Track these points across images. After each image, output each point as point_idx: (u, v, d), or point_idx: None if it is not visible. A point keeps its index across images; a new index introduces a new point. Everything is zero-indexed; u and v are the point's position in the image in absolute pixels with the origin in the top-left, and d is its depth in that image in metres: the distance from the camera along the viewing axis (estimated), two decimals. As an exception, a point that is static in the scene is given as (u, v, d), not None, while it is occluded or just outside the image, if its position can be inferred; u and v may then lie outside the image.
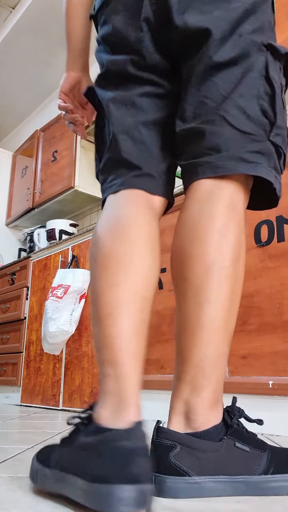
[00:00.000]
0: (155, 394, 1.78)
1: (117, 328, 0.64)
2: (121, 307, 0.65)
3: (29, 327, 2.69)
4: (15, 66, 3.88)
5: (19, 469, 0.83)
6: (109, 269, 0.68)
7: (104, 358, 0.64)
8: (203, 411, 0.69)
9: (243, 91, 0.74)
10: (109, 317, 0.65)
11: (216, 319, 0.70)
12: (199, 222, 0.73)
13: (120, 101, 0.81)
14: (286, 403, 1.35)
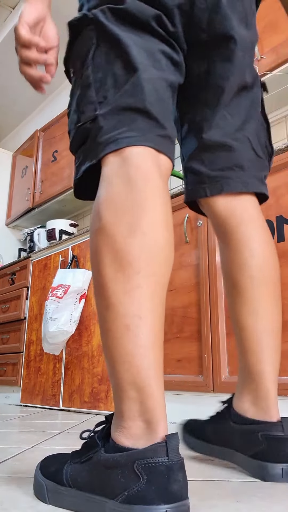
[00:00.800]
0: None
1: (139, 343, 0.57)
2: (141, 317, 0.57)
3: (29, 327, 2.69)
4: (15, 66, 3.88)
5: (19, 469, 0.83)
6: (125, 270, 0.58)
7: (124, 379, 0.57)
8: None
9: (257, 117, 0.85)
10: (128, 331, 0.57)
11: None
12: (269, 238, 0.84)
13: (142, 47, 0.70)
14: (286, 403, 1.35)
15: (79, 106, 0.70)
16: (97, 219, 0.63)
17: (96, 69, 0.70)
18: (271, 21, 1.98)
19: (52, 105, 4.21)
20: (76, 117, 0.70)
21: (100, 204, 0.63)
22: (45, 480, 0.63)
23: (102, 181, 0.65)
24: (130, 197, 0.61)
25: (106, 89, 0.68)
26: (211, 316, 1.60)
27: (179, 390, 1.65)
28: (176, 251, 1.83)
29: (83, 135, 0.69)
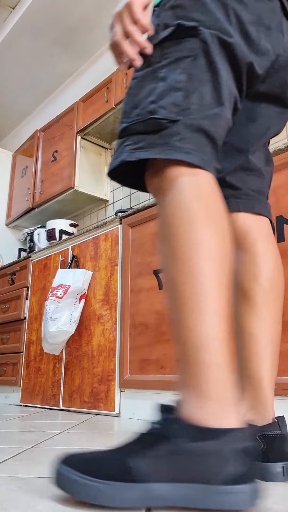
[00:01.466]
0: (155, 394, 1.79)
1: (224, 329, 0.63)
2: (226, 307, 0.64)
3: (29, 327, 2.69)
4: (15, 66, 3.88)
5: (19, 469, 0.83)
6: (218, 266, 0.64)
7: (211, 360, 0.60)
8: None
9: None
10: (219, 318, 0.63)
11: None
12: (279, 255, 0.93)
13: (228, 86, 0.77)
14: (286, 403, 1.35)
15: (160, 99, 0.72)
16: (185, 211, 0.67)
17: (190, 79, 0.73)
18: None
19: (52, 105, 4.21)
20: (152, 107, 0.72)
21: (188, 203, 0.67)
22: (111, 483, 0.56)
23: (173, 185, 0.69)
24: (202, 209, 0.67)
25: (191, 102, 0.72)
26: (211, 316, 1.60)
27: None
28: (176, 251, 1.83)
29: (154, 126, 0.71)
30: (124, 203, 3.13)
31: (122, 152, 0.73)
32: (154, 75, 0.76)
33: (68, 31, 3.48)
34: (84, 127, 3.13)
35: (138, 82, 0.77)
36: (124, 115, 0.77)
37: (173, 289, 0.65)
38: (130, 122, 0.74)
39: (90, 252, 2.35)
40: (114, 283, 2.13)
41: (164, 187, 0.70)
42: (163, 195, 0.70)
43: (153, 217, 1.99)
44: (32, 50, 3.69)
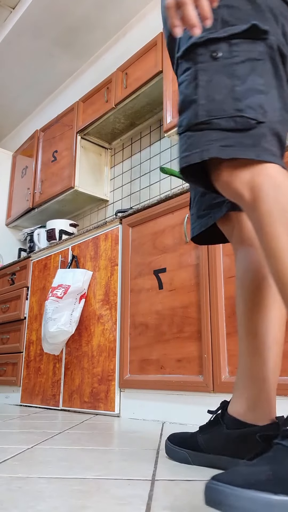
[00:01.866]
0: (155, 394, 1.78)
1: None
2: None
3: (29, 327, 2.69)
4: (15, 66, 3.88)
5: (19, 469, 0.83)
6: None
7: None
8: None
9: None
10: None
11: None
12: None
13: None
14: (286, 403, 1.35)
15: (245, 98, 0.73)
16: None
17: (265, 83, 0.76)
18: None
19: (52, 105, 4.21)
20: (240, 105, 0.73)
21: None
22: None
23: (281, 184, 0.70)
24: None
25: (268, 105, 0.74)
26: (211, 316, 1.60)
27: (179, 390, 1.65)
28: (176, 251, 1.83)
29: (242, 125, 0.72)
30: (124, 203, 3.13)
31: (205, 147, 0.72)
32: (228, 71, 0.75)
33: (68, 31, 3.48)
34: (84, 127, 3.13)
35: (208, 75, 0.76)
36: (194, 105, 0.75)
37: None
38: (212, 116, 0.73)
39: (90, 252, 2.35)
40: (114, 283, 2.13)
41: (271, 184, 0.70)
42: (272, 192, 0.69)
43: (153, 217, 1.99)
44: (32, 50, 3.69)
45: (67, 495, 0.64)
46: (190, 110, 0.76)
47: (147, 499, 0.63)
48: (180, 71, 0.82)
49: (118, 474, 0.79)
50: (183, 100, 0.78)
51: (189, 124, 0.75)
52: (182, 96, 0.79)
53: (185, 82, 0.79)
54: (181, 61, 0.82)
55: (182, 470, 0.84)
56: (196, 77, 0.77)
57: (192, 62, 0.79)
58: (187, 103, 0.77)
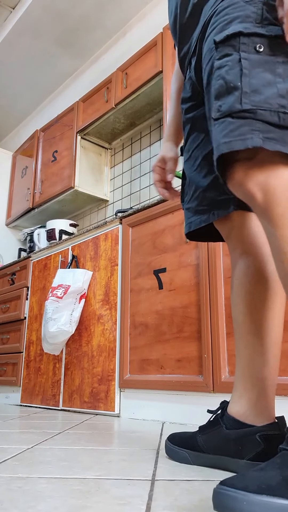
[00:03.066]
0: (155, 394, 1.78)
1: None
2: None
3: (29, 327, 2.69)
4: (15, 66, 3.88)
5: (19, 469, 0.83)
6: None
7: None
8: None
9: None
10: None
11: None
12: None
13: None
14: (286, 403, 1.35)
15: (287, 95, 0.74)
16: None
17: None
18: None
19: (52, 105, 4.21)
20: (283, 102, 0.74)
21: None
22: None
23: (286, 184, 0.71)
24: None
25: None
26: (211, 316, 1.60)
27: (179, 390, 1.65)
28: (176, 251, 1.83)
29: (284, 121, 0.73)
30: (124, 203, 3.13)
31: (249, 135, 0.71)
32: (270, 67, 0.76)
33: (68, 31, 3.48)
34: (84, 127, 3.13)
35: (252, 65, 0.76)
36: (237, 91, 0.75)
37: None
38: (256, 106, 0.73)
39: (90, 252, 2.35)
40: (114, 283, 2.13)
41: (266, 189, 0.71)
42: (266, 197, 0.71)
43: (153, 217, 1.99)
44: (32, 50, 3.69)
45: (67, 495, 0.64)
46: (233, 96, 0.75)
47: (147, 499, 0.63)
48: (219, 55, 0.80)
49: (118, 474, 0.79)
50: (224, 84, 0.77)
51: (231, 110, 0.74)
52: (222, 81, 0.78)
53: (226, 67, 0.78)
54: (221, 46, 0.81)
55: (182, 470, 0.84)
56: (239, 64, 0.77)
57: (234, 49, 0.78)
58: (229, 88, 0.76)
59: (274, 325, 0.87)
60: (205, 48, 0.86)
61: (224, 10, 0.84)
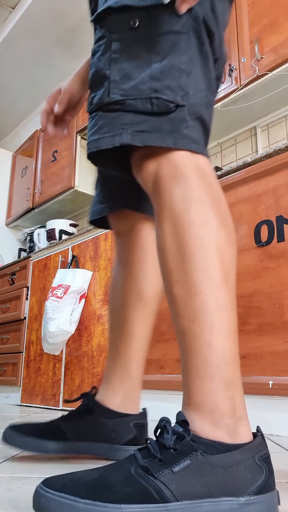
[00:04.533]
0: (155, 394, 1.79)
1: (237, 344, 0.62)
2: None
3: (29, 327, 2.69)
4: (15, 66, 3.88)
5: (19, 469, 0.83)
6: (233, 274, 0.63)
7: (236, 380, 0.60)
8: None
9: None
10: (235, 335, 0.61)
11: None
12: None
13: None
14: (286, 403, 1.35)
15: (164, 78, 0.64)
16: (200, 207, 0.62)
17: (189, 61, 0.67)
18: (271, 21, 1.98)
19: (52, 105, 4.21)
20: (156, 85, 0.64)
21: (202, 197, 0.63)
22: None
23: (183, 176, 0.63)
24: (216, 197, 0.66)
25: (190, 86, 0.66)
26: (211, 316, 1.60)
27: (179, 390, 1.65)
28: (176, 251, 1.82)
29: (158, 108, 0.64)
30: (124, 203, 3.13)
31: (118, 131, 0.63)
32: (146, 44, 0.66)
33: (68, 31, 3.48)
34: (84, 127, 3.13)
35: (124, 47, 0.66)
36: (106, 81, 0.66)
37: (193, 300, 0.59)
38: (126, 96, 0.64)
39: (90, 252, 2.35)
40: (114, 283, 2.13)
41: (170, 176, 0.63)
42: (169, 185, 0.63)
43: (153, 217, 1.99)
44: (32, 50, 3.69)
45: (67, 495, 0.64)
46: (102, 85, 0.66)
47: (147, 499, 0.63)
48: (95, 39, 0.71)
49: (118, 474, 0.79)
50: (94, 73, 0.69)
51: (100, 103, 0.66)
52: (93, 69, 0.69)
53: (98, 52, 0.69)
54: (96, 27, 0.71)
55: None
56: (109, 48, 0.67)
57: (106, 30, 0.68)
58: (99, 78, 0.67)
59: (147, 329, 0.96)
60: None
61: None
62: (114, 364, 0.96)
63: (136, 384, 0.95)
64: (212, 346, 0.58)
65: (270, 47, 1.95)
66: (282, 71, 1.92)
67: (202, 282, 0.59)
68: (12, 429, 0.90)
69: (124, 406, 0.93)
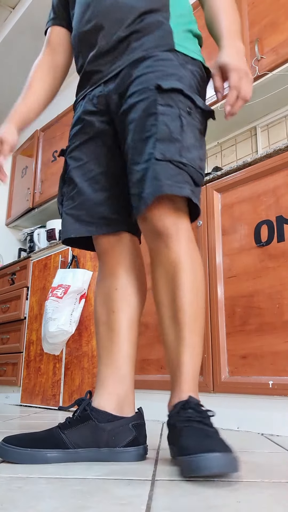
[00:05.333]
0: (155, 394, 1.78)
1: None
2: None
3: (29, 327, 2.69)
4: (15, 66, 3.88)
5: (19, 469, 0.83)
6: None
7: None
8: None
9: None
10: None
11: None
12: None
13: None
14: (286, 403, 1.35)
15: (202, 161, 0.95)
16: (199, 257, 0.98)
17: (204, 154, 0.99)
18: (271, 21, 1.98)
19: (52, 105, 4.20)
20: (203, 165, 0.95)
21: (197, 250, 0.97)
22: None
23: (192, 238, 0.95)
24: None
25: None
26: (211, 316, 1.60)
27: (179, 390, 1.65)
28: (176, 251, 1.82)
29: (199, 181, 0.93)
30: (124, 203, 3.13)
31: (183, 185, 0.87)
32: (195, 132, 0.94)
33: (68, 31, 3.48)
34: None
35: (188, 126, 0.92)
36: (179, 144, 0.89)
37: (199, 320, 0.99)
38: (189, 162, 0.90)
39: (90, 252, 2.35)
40: (114, 283, 2.13)
41: (188, 236, 0.93)
42: (188, 242, 0.93)
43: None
44: (32, 50, 3.68)
45: (67, 495, 0.64)
46: (174, 146, 0.88)
47: (147, 499, 0.63)
48: (162, 102, 0.92)
49: (118, 474, 0.79)
50: (168, 132, 0.89)
51: (172, 158, 0.87)
52: (166, 128, 0.89)
53: (169, 116, 0.90)
54: (165, 94, 0.92)
55: (182, 470, 0.84)
56: (180, 119, 0.91)
57: (174, 103, 0.91)
58: (172, 137, 0.89)
59: (129, 336, 1.02)
60: (140, 83, 0.95)
61: (161, 61, 0.96)
62: (108, 368, 0.99)
63: (130, 386, 0.99)
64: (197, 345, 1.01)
65: (270, 47, 1.95)
66: (282, 71, 1.93)
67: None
68: (7, 442, 0.88)
69: (121, 409, 0.95)
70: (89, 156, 1.06)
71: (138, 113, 0.93)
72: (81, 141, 1.07)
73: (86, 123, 1.06)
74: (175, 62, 0.96)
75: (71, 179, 1.08)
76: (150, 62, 0.96)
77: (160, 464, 0.89)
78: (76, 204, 1.05)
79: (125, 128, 0.98)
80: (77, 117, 1.10)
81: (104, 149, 1.05)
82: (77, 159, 1.07)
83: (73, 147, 1.09)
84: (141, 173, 0.89)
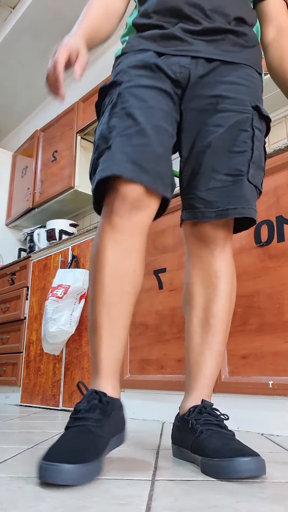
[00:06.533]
0: (155, 394, 1.78)
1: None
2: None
3: (29, 327, 2.69)
4: (15, 66, 3.88)
5: (19, 469, 0.83)
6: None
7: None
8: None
9: None
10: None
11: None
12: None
13: None
14: (286, 403, 1.35)
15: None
16: None
17: None
18: (271, 21, 1.98)
19: (52, 105, 4.21)
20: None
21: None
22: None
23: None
24: None
25: None
26: (211, 316, 1.60)
27: (179, 390, 1.65)
28: (176, 251, 1.83)
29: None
30: (124, 203, 3.12)
31: (256, 211, 1.01)
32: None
33: (68, 31, 3.47)
34: (84, 127, 3.13)
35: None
36: (263, 172, 1.03)
37: (228, 330, 1.05)
38: (260, 190, 1.03)
39: (90, 252, 2.35)
40: (114, 283, 2.12)
41: (229, 240, 1.03)
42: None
43: (153, 217, 1.99)
44: (32, 50, 3.69)
45: (67, 495, 0.64)
46: (260, 175, 1.01)
47: (147, 499, 0.63)
48: (257, 125, 0.99)
49: (118, 474, 0.79)
50: (260, 159, 1.00)
51: (257, 185, 0.99)
52: (258, 152, 0.98)
53: (260, 143, 1.00)
54: (260, 118, 1.00)
55: (182, 470, 0.84)
56: (264, 149, 1.04)
57: (262, 133, 1.04)
58: (260, 165, 1.00)
59: (127, 323, 1.02)
60: (238, 92, 0.96)
61: (256, 81, 1.02)
62: (109, 353, 0.91)
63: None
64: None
65: (270, 47, 1.95)
66: (282, 71, 1.92)
67: None
68: (48, 460, 0.68)
69: (117, 391, 0.89)
70: (155, 102, 0.92)
71: (229, 122, 0.94)
72: (147, 84, 0.93)
73: (158, 76, 0.95)
74: (261, 87, 1.03)
75: (130, 115, 0.90)
76: (247, 75, 0.99)
77: (160, 464, 0.89)
78: (136, 145, 0.88)
79: (200, 120, 0.96)
80: (144, 62, 0.96)
81: (167, 109, 0.94)
82: (141, 99, 0.91)
83: (134, 84, 0.93)
84: (224, 184, 0.93)
